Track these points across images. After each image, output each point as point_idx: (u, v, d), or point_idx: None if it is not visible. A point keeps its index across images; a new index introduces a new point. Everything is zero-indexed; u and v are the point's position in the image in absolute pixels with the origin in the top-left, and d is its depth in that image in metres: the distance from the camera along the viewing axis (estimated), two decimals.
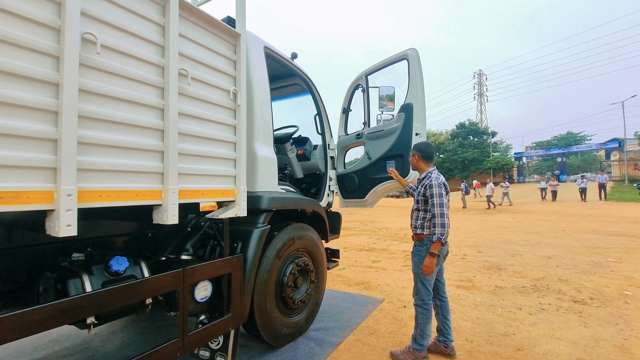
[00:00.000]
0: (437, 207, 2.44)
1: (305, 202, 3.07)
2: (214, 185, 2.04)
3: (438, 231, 2.41)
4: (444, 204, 2.46)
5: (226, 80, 2.15)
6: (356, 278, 5.05)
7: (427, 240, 2.57)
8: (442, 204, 2.45)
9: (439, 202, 2.45)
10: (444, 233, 2.41)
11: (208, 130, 1.98)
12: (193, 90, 1.90)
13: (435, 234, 2.42)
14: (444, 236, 2.41)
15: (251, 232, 2.37)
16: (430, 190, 2.49)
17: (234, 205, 2.21)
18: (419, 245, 2.65)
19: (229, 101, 2.16)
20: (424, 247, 2.58)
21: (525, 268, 5.51)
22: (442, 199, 2.47)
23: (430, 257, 2.45)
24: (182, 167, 1.82)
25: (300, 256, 2.97)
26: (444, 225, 2.41)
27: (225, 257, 2.10)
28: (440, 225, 2.41)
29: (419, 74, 3.15)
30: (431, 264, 2.44)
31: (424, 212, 2.63)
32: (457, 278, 4.95)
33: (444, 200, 2.48)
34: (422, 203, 2.63)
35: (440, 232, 2.40)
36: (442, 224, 2.41)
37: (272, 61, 3.16)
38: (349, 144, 3.92)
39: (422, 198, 2.62)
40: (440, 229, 2.41)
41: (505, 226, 10.69)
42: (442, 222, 2.41)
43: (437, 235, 2.41)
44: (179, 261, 2.24)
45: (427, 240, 2.57)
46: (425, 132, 3.17)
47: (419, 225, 2.65)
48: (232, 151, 2.20)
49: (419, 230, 2.65)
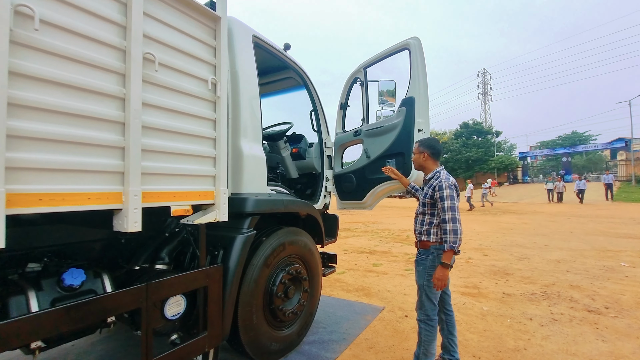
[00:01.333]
0: (449, 212, 2.17)
1: (298, 204, 2.82)
2: (188, 186, 1.80)
3: (450, 238, 2.12)
4: (455, 207, 2.19)
5: (204, 68, 1.91)
6: (355, 283, 4.80)
7: (433, 249, 2.31)
8: (454, 207, 2.18)
9: (450, 206, 2.18)
10: (457, 241, 2.12)
11: (180, 124, 1.74)
12: (161, 78, 1.65)
13: (446, 241, 2.14)
14: (456, 244, 2.12)
15: (234, 239, 2.13)
16: (440, 192, 2.22)
17: (213, 209, 1.96)
18: (424, 253, 2.38)
19: (207, 92, 1.92)
20: (430, 256, 2.32)
21: (534, 273, 5.23)
22: (453, 202, 2.20)
23: (442, 268, 2.17)
24: (148, 165, 1.58)
25: (292, 263, 2.72)
26: (457, 232, 2.13)
27: (201, 267, 1.86)
28: (453, 231, 2.13)
29: (421, 65, 2.89)
30: (444, 276, 2.16)
31: (430, 217, 2.36)
32: (462, 284, 4.69)
33: (455, 204, 2.21)
34: (429, 206, 2.36)
35: (452, 240, 2.12)
36: (455, 230, 2.13)
37: (262, 52, 2.92)
38: (346, 141, 3.67)
39: (429, 201, 2.34)
40: (453, 235, 2.12)
41: (511, 228, 10.39)
42: (455, 228, 2.13)
43: (450, 244, 2.12)
44: (152, 271, 2.01)
45: (434, 249, 2.31)
46: (428, 129, 2.91)
47: (425, 231, 2.38)
48: (211, 148, 1.96)
49: (425, 236, 2.37)
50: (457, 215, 2.18)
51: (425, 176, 2.47)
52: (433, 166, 2.43)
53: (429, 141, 2.49)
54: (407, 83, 2.98)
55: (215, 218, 1.95)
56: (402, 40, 3.01)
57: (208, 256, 2.13)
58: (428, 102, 2.90)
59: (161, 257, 2.08)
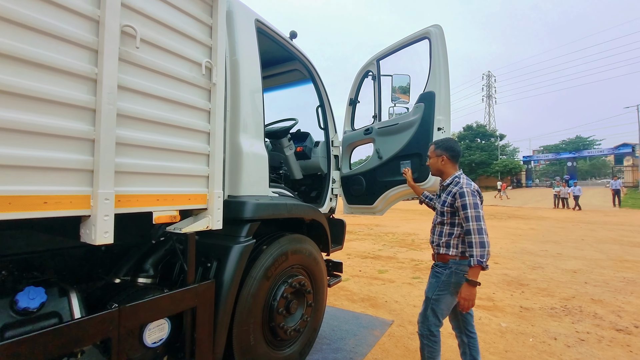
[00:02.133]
0: (473, 222, 1.91)
1: (302, 208, 2.53)
2: (175, 188, 1.51)
3: (477, 252, 1.87)
4: (481, 216, 1.93)
5: (197, 49, 1.62)
6: (361, 292, 4.50)
7: (452, 263, 2.07)
8: (479, 216, 1.93)
9: (474, 215, 1.92)
10: (485, 254, 1.87)
11: (166, 113, 1.45)
12: (143, 57, 1.37)
13: (472, 256, 1.88)
14: (484, 259, 1.87)
15: (229, 249, 1.84)
16: (462, 199, 1.97)
17: (205, 215, 1.68)
18: (441, 266, 2.14)
19: (201, 77, 1.63)
20: (447, 271, 2.08)
21: (551, 284, 4.92)
22: (478, 211, 1.94)
23: (469, 287, 1.91)
24: (123, 162, 1.29)
25: (295, 274, 2.43)
26: (484, 245, 1.88)
27: (189, 285, 1.57)
28: (479, 244, 1.87)
29: (442, 57, 2.60)
30: (471, 295, 1.91)
31: (450, 227, 2.11)
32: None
33: (480, 212, 1.95)
34: (449, 215, 2.10)
35: (479, 254, 1.87)
36: (482, 242, 1.88)
37: (265, 40, 2.63)
38: (356, 140, 3.37)
39: (448, 209, 2.09)
40: (480, 249, 1.87)
41: (519, 234, 10.07)
42: (482, 241, 1.88)
43: (477, 258, 1.86)
44: (133, 285, 1.72)
45: (453, 263, 2.07)
46: (449, 127, 2.62)
47: (444, 243, 2.12)
48: (204, 143, 1.67)
49: (443, 249, 2.13)
50: (484, 225, 1.93)
51: (443, 182, 2.22)
52: (452, 170, 2.18)
53: (447, 142, 2.22)
54: (427, 76, 2.68)
55: (208, 226, 1.66)
56: (422, 29, 2.71)
57: (200, 268, 1.85)
58: (450, 98, 2.61)
59: (144, 269, 1.79)
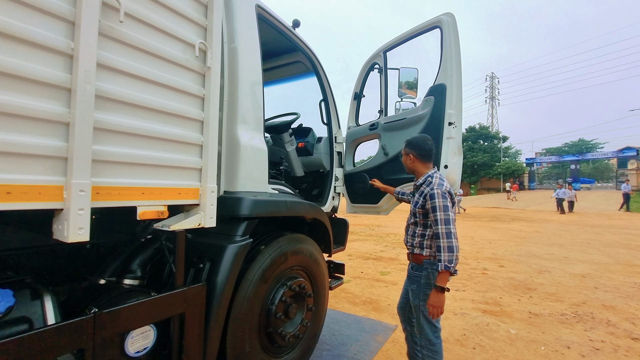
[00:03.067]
0: (442, 225, 1.84)
1: (303, 206, 2.38)
2: (163, 180, 1.37)
3: (445, 257, 1.81)
4: (450, 220, 1.86)
5: (189, 29, 1.47)
6: (363, 295, 4.35)
7: (427, 264, 2.02)
8: (449, 220, 1.85)
9: (444, 218, 1.85)
10: (453, 260, 1.81)
11: (152, 97, 1.31)
12: (128, 33, 1.22)
13: (440, 260, 1.83)
14: (452, 264, 1.81)
15: (224, 249, 1.69)
16: (432, 202, 1.90)
17: (197, 211, 1.53)
18: (416, 269, 2.09)
19: (194, 60, 1.48)
20: (424, 272, 2.03)
21: (559, 289, 4.76)
22: (448, 214, 1.87)
23: (437, 293, 1.86)
24: (102, 150, 1.14)
25: (294, 277, 2.28)
26: (452, 249, 1.81)
27: (177, 288, 1.42)
28: (447, 248, 1.81)
29: (455, 47, 2.44)
30: (439, 302, 1.86)
31: (422, 228, 2.06)
32: (482, 300, 4.23)
33: (450, 215, 1.87)
34: (421, 217, 2.04)
35: (447, 259, 1.81)
36: (450, 247, 1.82)
37: (266, 27, 2.49)
38: (360, 136, 3.22)
39: (420, 210, 2.03)
40: (448, 254, 1.81)
41: (523, 236, 9.89)
42: (450, 245, 1.82)
43: (444, 264, 1.81)
44: (118, 287, 1.58)
45: (427, 264, 2.02)
46: (461, 122, 2.46)
47: (417, 243, 2.07)
48: (197, 133, 1.52)
49: (417, 249, 2.08)
50: (453, 228, 1.86)
51: (416, 181, 2.15)
52: (423, 169, 2.11)
53: (416, 140, 2.14)
54: (437, 68, 2.52)
55: (200, 223, 1.51)
56: (433, 17, 2.56)
57: (191, 270, 1.70)
58: (462, 91, 2.45)
59: (131, 270, 1.65)
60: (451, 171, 2.45)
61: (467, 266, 6.01)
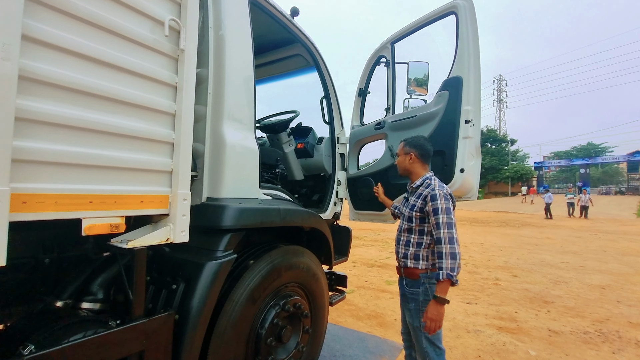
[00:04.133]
0: (444, 229, 1.68)
1: (300, 215, 2.11)
2: (120, 186, 1.11)
3: (447, 264, 1.64)
4: (453, 224, 1.72)
5: (158, 3, 1.22)
6: (367, 307, 4.05)
7: (424, 278, 1.83)
8: (452, 224, 1.71)
9: (446, 222, 1.70)
10: (455, 268, 1.64)
11: (103, 81, 1.05)
12: (68, 1, 0.96)
13: (442, 268, 1.65)
14: (455, 272, 1.64)
15: (201, 267, 1.42)
16: (434, 203, 1.75)
17: (166, 223, 1.27)
18: (412, 285, 1.88)
19: (163, 40, 1.23)
20: (422, 288, 1.83)
21: (578, 302, 4.41)
22: (450, 217, 1.72)
23: (436, 304, 1.67)
24: (27, 147, 0.88)
25: (289, 295, 2.01)
26: (455, 256, 1.65)
27: (134, 321, 1.14)
28: (450, 255, 1.65)
29: (472, 35, 2.16)
30: (439, 315, 1.67)
31: (419, 235, 1.86)
32: (495, 314, 3.90)
33: (453, 219, 1.73)
34: (418, 222, 1.86)
35: (450, 267, 1.64)
36: (453, 253, 1.65)
37: (262, 16, 2.24)
38: (365, 136, 2.94)
39: (417, 214, 1.85)
40: (450, 261, 1.64)
41: (535, 243, 9.50)
42: (453, 251, 1.66)
43: (446, 272, 1.63)
44: (73, 314, 1.32)
45: (425, 278, 1.82)
46: (479, 120, 2.17)
47: (412, 254, 1.86)
48: (167, 129, 1.26)
49: (412, 262, 1.86)
50: (455, 234, 1.71)
51: (412, 183, 1.99)
52: (422, 171, 1.96)
53: (417, 140, 2.00)
54: (452, 59, 2.24)
55: (168, 238, 1.25)
56: (447, 3, 2.28)
57: (163, 292, 1.44)
58: (480, 85, 2.16)
59: (91, 291, 1.39)
60: (468, 175, 2.16)
61: (479, 276, 5.67)
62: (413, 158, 1.95)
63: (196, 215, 1.60)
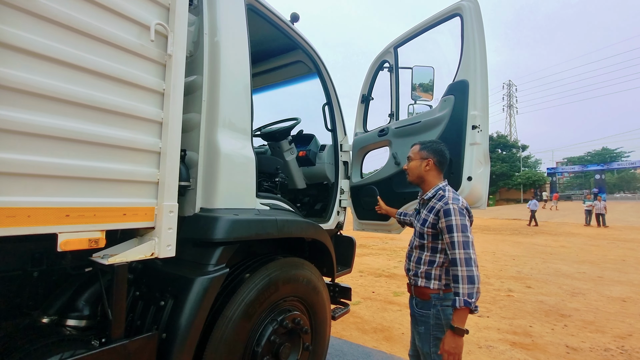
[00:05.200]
0: (460, 249, 1.48)
1: (298, 225, 2.03)
2: (100, 198, 1.05)
3: (464, 290, 1.43)
4: (470, 243, 1.50)
5: (143, 6, 1.17)
6: (373, 320, 3.92)
7: (435, 300, 1.64)
8: (468, 243, 1.49)
9: (462, 240, 1.49)
10: (474, 293, 1.43)
11: (81, 88, 0.99)
12: (45, 4, 0.92)
13: (458, 294, 1.44)
14: (473, 299, 1.42)
15: (190, 283, 1.35)
16: (448, 219, 1.54)
17: (151, 237, 1.20)
18: (422, 306, 1.69)
19: (148, 45, 1.18)
20: (433, 310, 1.64)
21: (598, 316, 4.19)
22: (467, 235, 1.51)
23: (454, 335, 1.45)
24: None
25: (288, 310, 1.92)
26: (473, 280, 1.44)
27: (112, 343, 1.07)
28: (468, 279, 1.44)
29: (478, 37, 2.07)
30: (458, 348, 1.45)
31: (431, 253, 1.67)
32: (509, 328, 3.72)
33: (470, 237, 1.51)
34: (430, 238, 1.66)
35: (467, 292, 1.42)
36: (470, 277, 1.44)
37: (261, 22, 2.20)
38: (369, 143, 2.86)
39: (429, 231, 1.65)
40: (468, 285, 1.43)
41: (549, 252, 9.19)
42: (470, 275, 1.44)
43: (464, 298, 1.42)
44: (56, 332, 1.25)
45: (437, 299, 1.64)
46: (487, 126, 2.07)
47: (423, 272, 1.67)
48: (152, 137, 1.20)
49: (423, 281, 1.67)
50: (473, 254, 1.49)
51: (423, 194, 1.77)
52: (436, 180, 1.74)
53: (437, 145, 1.77)
54: (457, 63, 2.15)
55: (153, 252, 1.18)
56: (452, 4, 2.20)
57: (152, 308, 1.37)
58: (488, 89, 2.07)
59: (76, 307, 1.32)
60: (476, 184, 2.05)
61: (490, 287, 5.47)
62: (430, 165, 1.73)
63: (188, 226, 1.54)
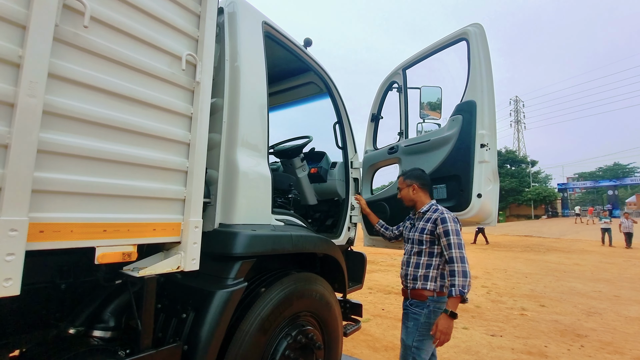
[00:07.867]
0: (456, 249, 1.84)
1: (312, 241, 2.08)
2: (134, 215, 1.13)
3: (459, 282, 1.77)
4: (463, 245, 1.88)
5: (176, 39, 1.29)
6: (384, 338, 3.88)
7: (430, 301, 1.93)
8: (462, 244, 1.87)
9: (457, 242, 1.86)
10: (467, 285, 1.78)
11: (121, 114, 1.09)
12: (93, 41, 1.03)
13: (454, 285, 1.78)
14: (466, 290, 1.77)
15: (211, 296, 1.41)
16: (445, 225, 1.90)
17: (177, 251, 1.27)
18: (417, 305, 1.97)
19: (180, 73, 1.29)
20: (426, 310, 1.92)
21: (615, 337, 4.08)
22: (460, 239, 1.89)
23: (447, 318, 1.78)
24: (47, 178, 0.92)
25: (301, 325, 1.95)
26: (466, 274, 1.79)
27: (141, 353, 1.13)
28: (462, 273, 1.79)
29: (484, 60, 2.16)
30: (449, 328, 1.79)
31: (429, 257, 1.98)
32: (523, 348, 3.65)
33: (462, 240, 1.89)
34: (428, 244, 1.98)
35: (462, 284, 1.77)
36: (464, 271, 1.80)
37: (275, 47, 2.33)
38: (379, 161, 2.93)
39: (428, 237, 1.97)
40: (462, 278, 1.78)
41: (563, 269, 8.99)
42: (464, 270, 1.80)
43: (459, 289, 1.76)
44: (83, 342, 1.32)
45: (432, 301, 1.93)
46: (495, 145, 2.14)
47: (422, 276, 1.97)
48: (181, 157, 1.29)
49: (420, 283, 1.96)
50: (465, 254, 1.87)
51: (418, 209, 2.11)
52: (425, 199, 2.11)
53: (415, 171, 2.18)
54: (465, 85, 2.24)
55: (179, 266, 1.25)
56: (458, 29, 2.31)
57: (173, 320, 1.42)
58: (495, 109, 2.14)
59: (103, 319, 1.39)
60: (486, 200, 2.10)
61: (503, 305, 5.37)
62: (416, 188, 2.10)
63: (208, 241, 1.61)
